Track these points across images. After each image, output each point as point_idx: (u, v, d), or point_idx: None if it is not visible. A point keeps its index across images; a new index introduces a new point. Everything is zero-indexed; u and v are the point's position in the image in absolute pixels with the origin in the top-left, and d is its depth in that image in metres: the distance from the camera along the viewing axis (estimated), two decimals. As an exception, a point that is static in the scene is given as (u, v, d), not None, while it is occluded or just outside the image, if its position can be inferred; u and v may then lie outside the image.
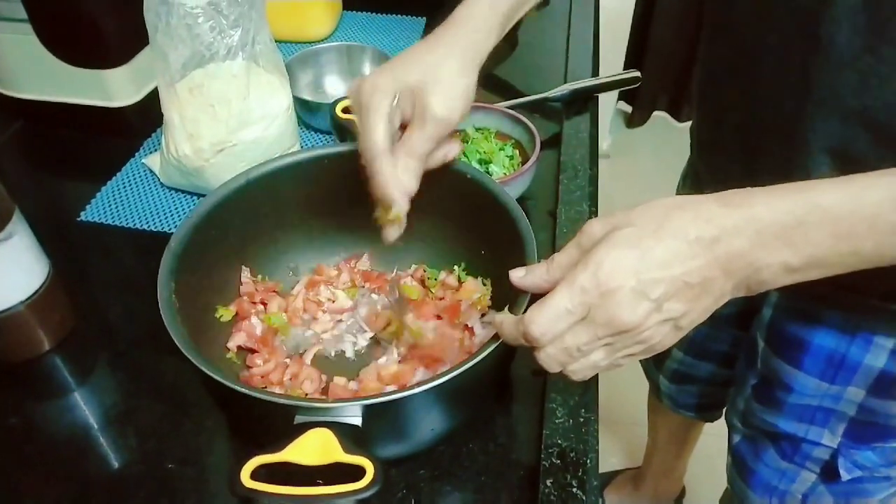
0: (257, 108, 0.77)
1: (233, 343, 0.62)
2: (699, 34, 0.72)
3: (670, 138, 2.44)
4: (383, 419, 0.48)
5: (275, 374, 0.61)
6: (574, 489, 0.52)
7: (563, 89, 0.94)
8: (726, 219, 0.42)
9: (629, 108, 2.58)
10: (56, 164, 0.91)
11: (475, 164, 0.78)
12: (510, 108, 0.86)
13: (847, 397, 0.69)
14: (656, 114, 2.59)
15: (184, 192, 0.84)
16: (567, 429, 0.56)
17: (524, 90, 0.99)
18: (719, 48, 0.67)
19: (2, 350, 0.64)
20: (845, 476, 0.74)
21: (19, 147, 0.94)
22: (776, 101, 0.58)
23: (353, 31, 1.16)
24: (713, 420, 1.12)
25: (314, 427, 0.44)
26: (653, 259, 0.42)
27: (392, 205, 0.57)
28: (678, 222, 0.43)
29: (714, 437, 0.92)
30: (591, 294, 0.42)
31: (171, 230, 0.78)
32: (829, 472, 0.75)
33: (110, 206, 0.82)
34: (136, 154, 0.89)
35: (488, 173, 0.77)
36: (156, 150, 0.89)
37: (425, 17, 1.19)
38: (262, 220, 0.66)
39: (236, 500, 0.41)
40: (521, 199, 0.78)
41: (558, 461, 0.54)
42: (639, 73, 0.97)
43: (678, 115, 2.54)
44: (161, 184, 0.85)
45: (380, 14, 1.20)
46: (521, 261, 0.53)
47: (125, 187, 0.85)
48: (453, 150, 0.62)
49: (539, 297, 0.45)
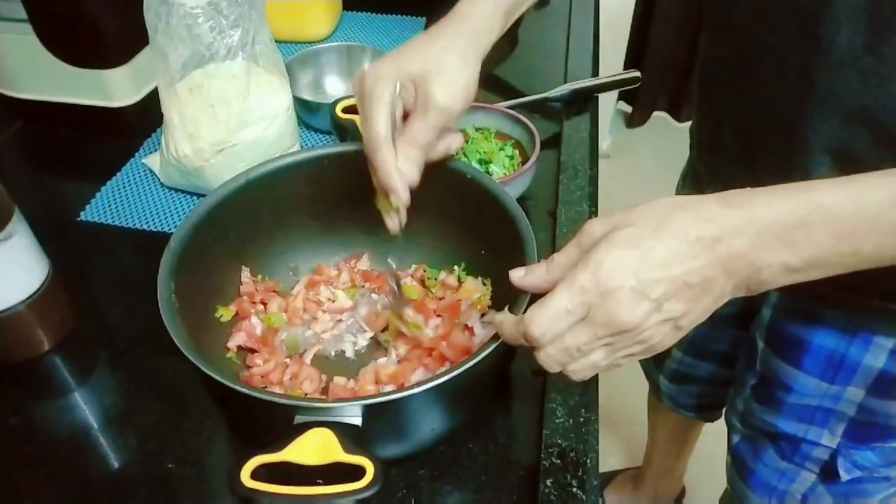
0: (257, 108, 0.77)
1: (233, 343, 0.62)
2: (699, 34, 0.72)
3: (670, 138, 2.44)
4: (383, 419, 0.48)
5: (275, 373, 0.61)
6: (574, 489, 0.52)
7: (563, 89, 0.94)
8: (727, 219, 0.42)
9: (629, 108, 2.58)
10: (56, 163, 0.91)
11: (475, 164, 0.78)
12: (510, 108, 0.86)
13: (846, 397, 0.69)
14: (656, 114, 2.59)
15: (184, 192, 0.84)
16: (567, 429, 0.56)
17: (524, 90, 0.99)
18: (719, 48, 0.67)
19: (2, 350, 0.64)
20: (845, 476, 0.74)
21: (19, 147, 0.94)
22: (776, 102, 0.58)
23: (353, 31, 1.16)
24: (713, 420, 1.12)
25: (314, 427, 0.44)
26: (653, 259, 0.42)
27: (392, 194, 0.57)
28: (678, 222, 0.43)
29: (714, 437, 0.92)
30: (591, 294, 0.42)
31: (170, 230, 0.78)
32: (829, 473, 0.75)
33: (110, 205, 0.82)
34: (136, 154, 0.89)
35: (488, 173, 0.77)
36: (156, 150, 0.89)
37: (425, 17, 1.19)
38: (262, 220, 0.66)
39: (236, 500, 0.41)
40: (521, 199, 0.78)
41: (558, 461, 0.54)
42: (639, 73, 0.97)
43: (678, 115, 2.54)
44: (161, 184, 0.85)
45: (380, 14, 1.20)
46: (521, 261, 0.53)
47: (125, 187, 0.85)
48: (456, 142, 0.61)
49: (539, 297, 0.45)
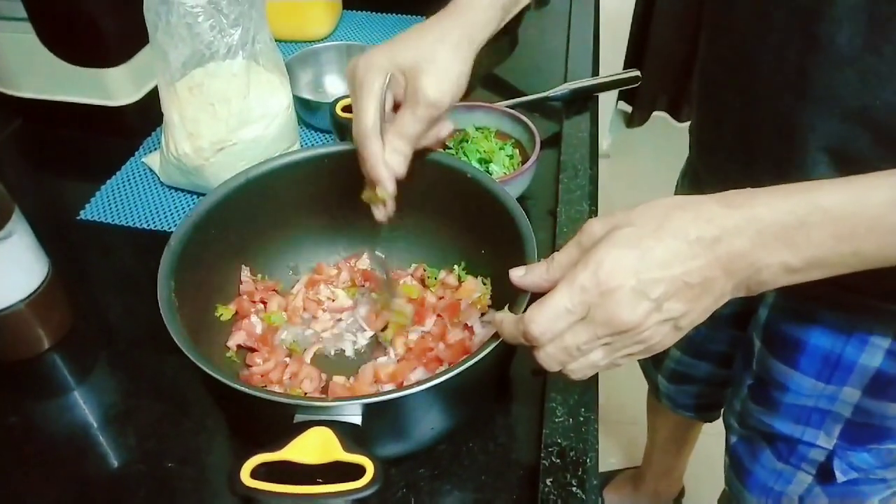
0: (257, 107, 0.77)
1: (233, 342, 0.62)
2: (699, 34, 0.72)
3: (670, 138, 2.44)
4: (383, 418, 0.47)
5: (274, 372, 0.61)
6: (574, 488, 0.52)
7: (563, 89, 0.94)
8: (727, 219, 0.42)
9: (629, 108, 2.58)
10: (56, 162, 0.91)
11: (475, 164, 0.78)
12: (510, 107, 0.86)
13: (842, 398, 0.69)
14: (656, 114, 2.59)
15: (184, 190, 0.84)
16: (567, 428, 0.56)
17: (524, 90, 0.99)
18: (719, 48, 0.67)
19: (1, 349, 0.64)
20: (841, 478, 0.74)
21: (19, 146, 0.94)
22: (775, 101, 0.58)
23: (353, 31, 1.16)
24: (712, 420, 1.12)
25: (314, 426, 0.44)
26: (653, 259, 0.42)
27: (379, 185, 0.58)
28: (678, 222, 0.43)
29: (714, 436, 0.92)
30: (590, 293, 0.42)
31: (170, 229, 0.78)
32: (825, 474, 0.75)
33: (110, 204, 0.82)
34: (136, 153, 0.89)
35: (488, 172, 0.77)
36: (155, 148, 0.89)
37: (425, 17, 1.18)
38: (261, 219, 0.66)
39: (236, 499, 0.41)
40: (522, 199, 0.78)
41: (558, 460, 0.54)
42: (639, 73, 0.97)
43: (678, 115, 2.54)
44: (161, 183, 0.85)
45: (380, 13, 1.20)
46: (521, 260, 0.53)
47: (125, 186, 0.85)
48: (445, 130, 0.62)
49: (539, 296, 0.45)
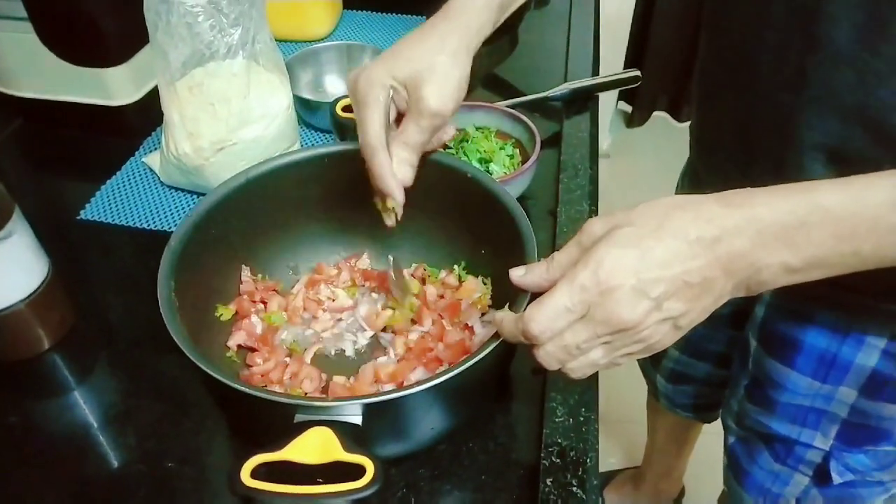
0: (257, 107, 0.77)
1: (233, 342, 0.62)
2: (699, 34, 0.72)
3: (670, 138, 2.44)
4: (383, 418, 0.47)
5: (275, 372, 0.61)
6: (574, 488, 0.52)
7: (564, 88, 0.94)
8: (727, 219, 0.42)
9: (629, 108, 2.58)
10: (56, 162, 0.91)
11: (476, 164, 0.78)
12: (510, 107, 0.86)
13: (839, 398, 0.69)
14: (656, 114, 2.59)
15: (184, 190, 0.84)
16: (567, 428, 0.56)
17: (524, 89, 0.99)
18: (718, 47, 0.67)
19: (1, 349, 0.64)
20: (837, 479, 0.74)
21: (19, 145, 0.94)
22: (773, 100, 0.58)
23: (353, 31, 1.16)
24: (710, 421, 1.12)
25: (314, 426, 0.44)
26: (653, 258, 0.42)
27: (389, 196, 0.59)
28: (679, 222, 0.43)
29: (714, 436, 0.92)
30: (590, 292, 0.42)
31: (170, 229, 0.78)
32: (822, 476, 0.75)
33: (110, 204, 0.82)
34: (136, 153, 0.89)
35: (489, 172, 0.77)
36: (156, 148, 0.89)
37: (425, 17, 1.19)
38: (262, 218, 0.66)
39: (236, 499, 0.41)
40: (522, 199, 0.78)
41: (558, 460, 0.54)
42: (639, 73, 0.97)
43: (678, 115, 2.54)
44: (161, 182, 0.85)
45: (380, 13, 1.20)
46: (522, 260, 0.53)
47: (125, 186, 0.85)
48: (448, 134, 0.63)
49: (539, 296, 0.45)
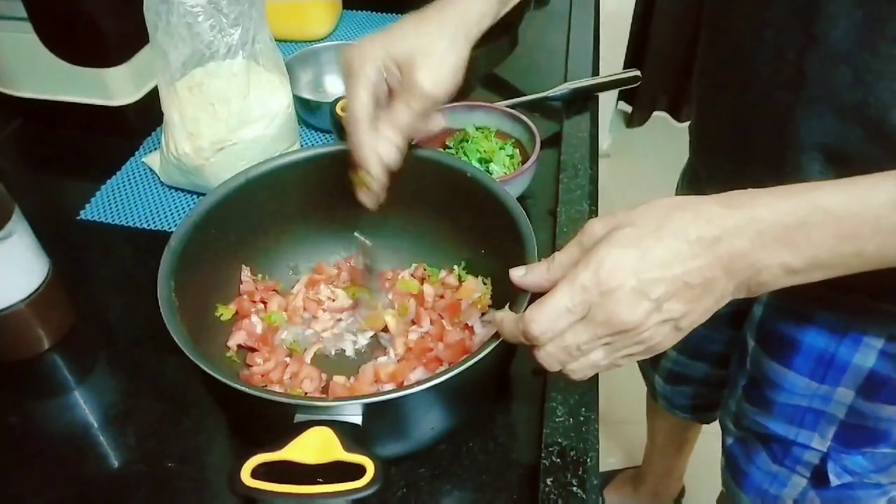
0: (257, 107, 0.77)
1: (233, 342, 0.62)
2: (699, 34, 0.72)
3: (670, 138, 2.44)
4: (383, 418, 0.47)
5: (275, 372, 0.61)
6: (574, 488, 0.52)
7: (564, 88, 0.94)
8: (727, 219, 0.42)
9: (629, 108, 2.58)
10: (56, 162, 0.91)
11: (476, 163, 0.78)
12: (510, 107, 0.86)
13: (836, 398, 0.69)
14: (656, 114, 2.59)
15: (184, 190, 0.84)
16: (567, 427, 0.56)
17: (524, 89, 0.99)
18: (717, 46, 0.67)
19: (1, 348, 0.64)
20: (835, 481, 0.73)
21: (19, 146, 0.93)
22: (770, 98, 0.58)
23: (353, 30, 1.16)
24: (709, 421, 1.11)
25: (314, 426, 0.44)
26: (653, 259, 0.42)
27: (366, 171, 0.58)
28: (679, 222, 0.43)
29: (714, 436, 0.92)
30: (591, 293, 0.42)
31: (170, 229, 0.78)
32: (819, 477, 0.75)
33: (110, 204, 0.82)
34: (136, 153, 0.89)
35: (489, 172, 0.77)
36: (155, 148, 0.89)
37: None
38: (262, 218, 0.66)
39: (236, 499, 0.41)
40: (522, 198, 0.78)
41: (558, 460, 0.54)
42: (639, 73, 0.97)
43: (678, 115, 2.54)
44: (161, 182, 0.85)
45: (380, 13, 1.20)
46: (522, 260, 0.53)
47: (125, 186, 0.85)
48: (437, 124, 0.62)
49: (539, 297, 0.45)
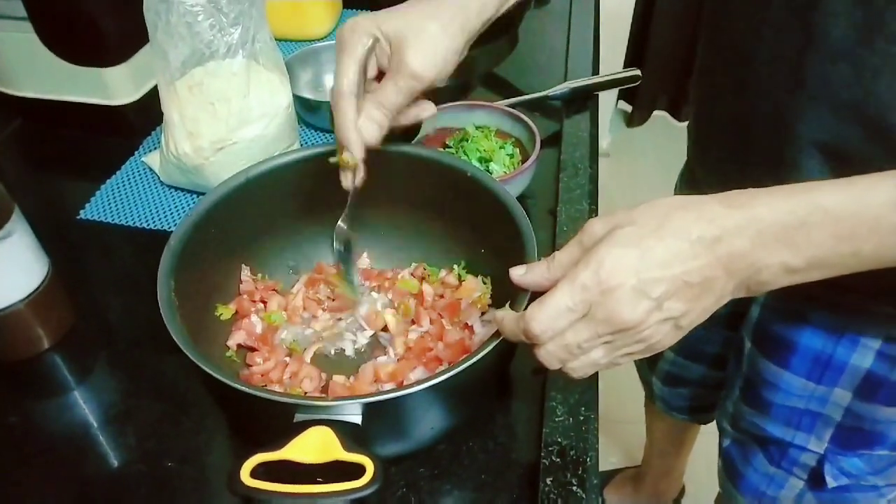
0: (257, 107, 0.77)
1: (232, 341, 0.62)
2: (699, 34, 0.72)
3: (670, 138, 2.44)
4: (383, 417, 0.47)
5: (274, 372, 0.61)
6: (574, 487, 0.52)
7: (563, 88, 0.94)
8: (728, 219, 0.42)
9: (629, 108, 2.58)
10: (55, 162, 0.91)
11: (475, 163, 0.78)
12: (510, 106, 0.86)
13: (833, 400, 0.69)
14: (656, 113, 2.59)
15: (183, 190, 0.84)
16: (567, 427, 0.56)
17: (524, 89, 0.99)
18: (716, 45, 0.66)
19: (1, 348, 0.64)
20: (832, 483, 0.73)
21: (18, 145, 0.93)
22: (769, 95, 0.58)
23: (353, 30, 1.16)
24: (706, 422, 1.11)
25: (314, 425, 0.44)
26: (653, 258, 0.42)
27: (347, 148, 0.57)
28: (679, 222, 0.43)
29: (714, 436, 0.92)
30: (591, 292, 0.42)
31: (170, 228, 0.78)
32: (816, 479, 0.75)
33: (110, 204, 0.82)
34: (136, 152, 0.89)
35: (489, 171, 0.77)
36: (155, 148, 0.89)
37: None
38: (261, 218, 0.66)
39: (236, 499, 0.41)
40: (522, 198, 0.78)
41: (558, 459, 0.54)
42: (639, 72, 0.97)
43: (678, 114, 2.54)
44: (161, 182, 0.84)
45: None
46: (522, 259, 0.53)
47: (125, 186, 0.85)
48: (426, 112, 0.61)
49: (539, 296, 0.45)
